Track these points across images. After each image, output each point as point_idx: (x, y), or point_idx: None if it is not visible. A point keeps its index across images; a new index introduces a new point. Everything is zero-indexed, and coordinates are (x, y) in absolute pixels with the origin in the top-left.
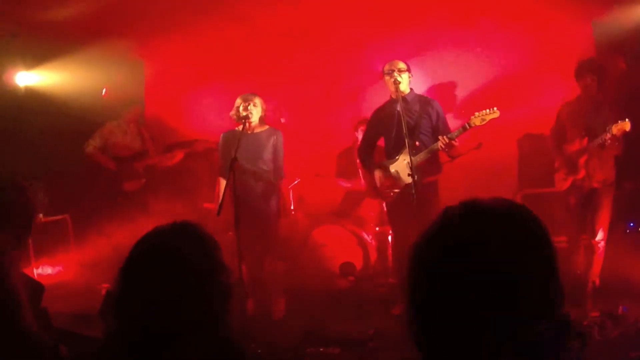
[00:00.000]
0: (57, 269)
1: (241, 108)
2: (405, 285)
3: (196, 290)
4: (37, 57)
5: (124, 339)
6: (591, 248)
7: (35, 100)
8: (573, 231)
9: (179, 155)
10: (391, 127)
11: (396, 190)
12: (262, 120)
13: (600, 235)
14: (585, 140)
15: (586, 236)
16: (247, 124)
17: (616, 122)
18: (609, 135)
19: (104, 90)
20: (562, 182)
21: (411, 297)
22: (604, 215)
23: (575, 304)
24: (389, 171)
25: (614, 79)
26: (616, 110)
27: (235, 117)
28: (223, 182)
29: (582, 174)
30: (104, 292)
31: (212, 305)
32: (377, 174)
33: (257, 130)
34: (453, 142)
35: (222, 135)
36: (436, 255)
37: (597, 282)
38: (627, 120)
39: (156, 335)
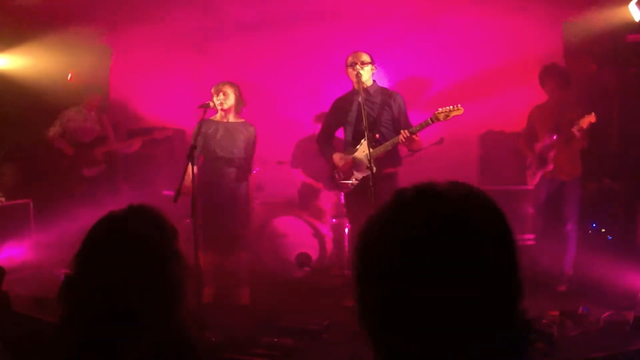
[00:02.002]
0: (18, 252)
1: (214, 98)
2: (355, 277)
3: (148, 275)
4: (5, 40)
5: (78, 324)
6: (563, 237)
7: (1, 84)
8: (543, 224)
9: (137, 144)
10: (351, 119)
11: (354, 181)
12: (239, 110)
13: (570, 225)
14: (554, 136)
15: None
16: (221, 112)
17: (582, 116)
18: (577, 128)
19: (69, 75)
20: (532, 178)
21: (363, 291)
22: (573, 206)
23: (546, 296)
24: (348, 158)
25: (584, 79)
26: (582, 107)
27: (200, 106)
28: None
29: (551, 166)
30: (63, 277)
31: (165, 292)
32: (336, 158)
33: (233, 120)
34: (414, 136)
35: (198, 122)
36: (391, 245)
37: (571, 271)
38: (592, 113)
39: (108, 320)
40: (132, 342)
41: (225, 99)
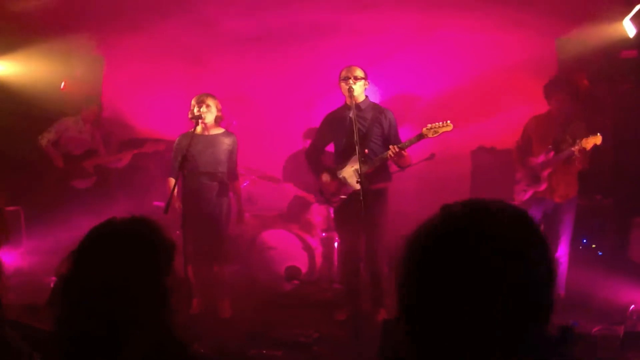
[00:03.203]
0: (9, 260)
1: (195, 109)
2: (399, 282)
3: (140, 279)
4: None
5: (69, 323)
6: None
7: None
8: None
9: (127, 158)
10: (342, 134)
11: (343, 197)
12: (218, 122)
13: (561, 251)
14: (552, 153)
15: None
16: (201, 125)
17: (586, 136)
18: (577, 148)
19: (62, 84)
20: (522, 194)
21: (407, 295)
22: (565, 230)
23: None
24: (336, 177)
25: (577, 95)
26: (587, 123)
27: (190, 117)
28: (172, 182)
29: (544, 186)
30: (52, 284)
31: (155, 297)
32: (324, 178)
33: (213, 131)
34: (403, 152)
35: (178, 136)
36: (436, 253)
37: (563, 294)
38: (598, 134)
39: (98, 319)
40: (122, 344)
41: (208, 111)
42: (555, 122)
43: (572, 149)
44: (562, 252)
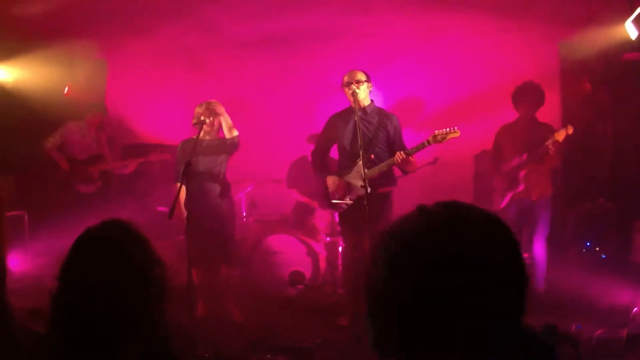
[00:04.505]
0: (13, 264)
1: (201, 116)
2: (370, 287)
3: (131, 280)
4: (2, 53)
5: (65, 333)
6: (531, 259)
7: None
8: None
9: (132, 165)
10: (347, 137)
11: (348, 201)
12: (218, 129)
13: (538, 247)
14: (525, 155)
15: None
16: (204, 130)
17: (556, 131)
18: (552, 142)
19: (66, 89)
20: (500, 200)
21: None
22: (542, 227)
23: (538, 313)
24: (341, 181)
25: (579, 98)
26: (554, 125)
27: (194, 123)
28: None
29: (522, 187)
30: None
31: (147, 299)
32: (329, 183)
33: (214, 137)
34: (409, 158)
35: (181, 142)
36: (415, 259)
37: (542, 288)
38: (568, 125)
39: (94, 328)
40: (118, 350)
41: (215, 118)
42: (524, 128)
43: (546, 143)
44: (538, 249)
